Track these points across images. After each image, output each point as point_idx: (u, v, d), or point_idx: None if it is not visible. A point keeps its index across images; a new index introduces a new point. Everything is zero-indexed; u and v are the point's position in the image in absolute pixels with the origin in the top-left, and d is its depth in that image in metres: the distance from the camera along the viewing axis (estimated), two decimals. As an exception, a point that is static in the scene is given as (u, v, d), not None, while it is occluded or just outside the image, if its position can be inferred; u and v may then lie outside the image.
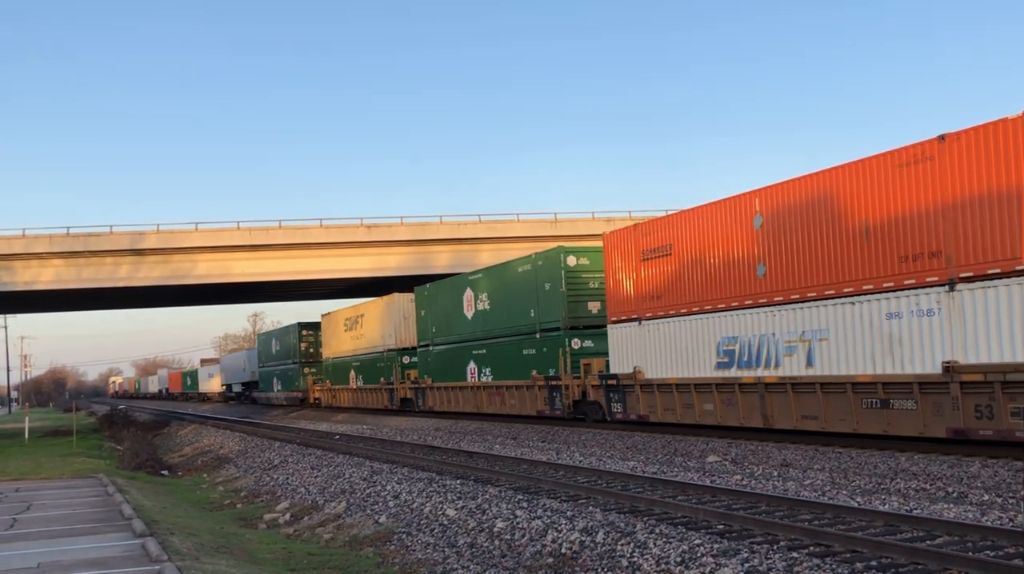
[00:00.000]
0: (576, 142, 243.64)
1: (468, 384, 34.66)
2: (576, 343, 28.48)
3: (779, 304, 20.10)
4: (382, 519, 14.79)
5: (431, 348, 38.12)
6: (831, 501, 12.95)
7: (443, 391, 36.81)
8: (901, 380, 17.23)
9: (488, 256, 46.66)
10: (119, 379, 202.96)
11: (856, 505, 12.58)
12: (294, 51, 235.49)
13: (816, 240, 19.13)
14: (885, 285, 17.60)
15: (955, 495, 13.53)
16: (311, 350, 56.92)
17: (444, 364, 37.04)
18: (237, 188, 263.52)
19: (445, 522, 13.82)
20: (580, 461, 20.18)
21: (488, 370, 33.57)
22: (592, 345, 28.24)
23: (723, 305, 21.73)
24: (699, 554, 10.07)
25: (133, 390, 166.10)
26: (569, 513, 13.05)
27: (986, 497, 13.19)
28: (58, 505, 17.09)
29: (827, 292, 18.84)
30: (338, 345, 50.86)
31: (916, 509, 12.33)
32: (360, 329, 47.05)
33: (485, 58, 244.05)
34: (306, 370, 56.76)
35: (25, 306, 64.54)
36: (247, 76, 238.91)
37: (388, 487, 17.69)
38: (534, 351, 30.22)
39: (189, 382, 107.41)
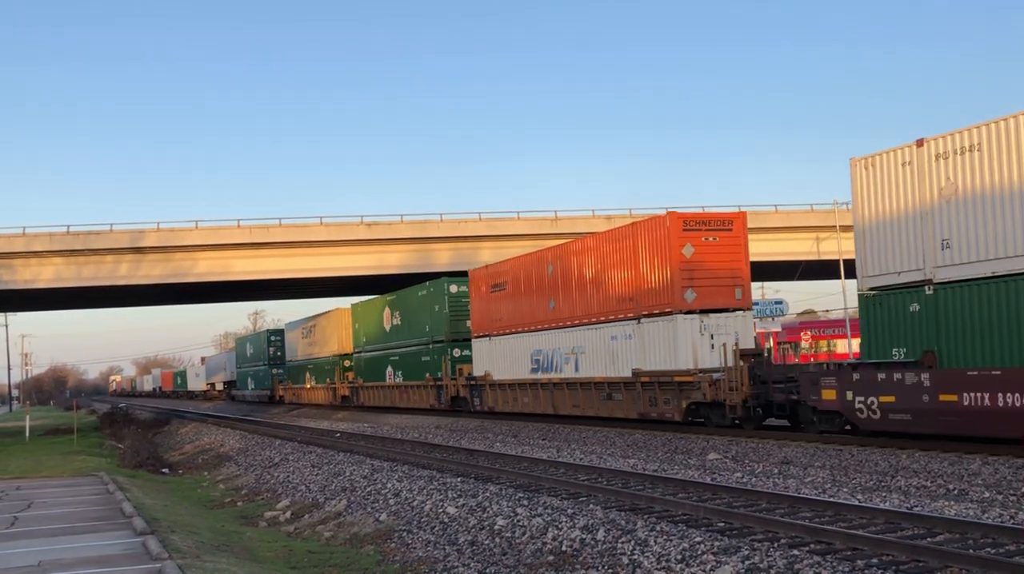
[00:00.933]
0: (577, 140, 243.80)
1: (387, 384, 43.06)
2: (456, 352, 36.69)
3: (561, 328, 28.89)
4: (383, 517, 14.79)
5: (363, 354, 46.78)
6: (832, 499, 12.95)
7: (371, 390, 45.11)
8: (616, 380, 26.07)
9: (488, 254, 46.63)
10: (118, 378, 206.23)
11: (857, 503, 12.58)
12: (294, 51, 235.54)
13: (578, 285, 27.93)
14: (610, 317, 26.36)
15: (956, 492, 13.53)
16: (278, 354, 64.39)
17: (371, 367, 45.50)
18: (237, 187, 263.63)
19: (446, 520, 13.82)
20: (580, 459, 20.19)
21: (400, 373, 41.72)
22: (467, 354, 35.83)
23: (533, 327, 30.51)
24: (700, 552, 10.07)
25: (130, 388, 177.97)
26: (570, 511, 13.06)
27: (987, 494, 13.20)
28: (59, 503, 17.10)
29: (584, 321, 27.62)
30: (297, 351, 58.71)
31: (917, 507, 12.34)
32: (313, 337, 55.58)
33: (485, 58, 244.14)
34: (274, 371, 64.74)
35: (25, 304, 64.57)
36: (247, 76, 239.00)
37: (389, 485, 17.69)
38: (428, 358, 38.46)
39: (179, 381, 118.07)
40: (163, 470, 28.38)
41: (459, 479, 17.50)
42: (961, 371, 17.09)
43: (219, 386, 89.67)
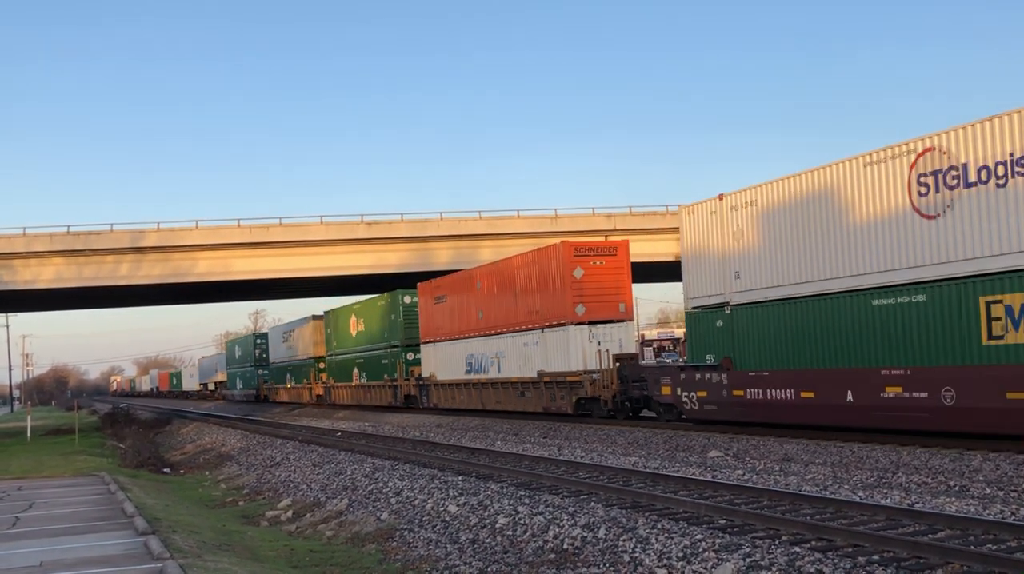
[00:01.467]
0: (577, 138, 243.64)
1: (353, 384, 48.52)
2: (410, 356, 41.87)
3: (487, 335, 34.03)
4: (384, 516, 14.80)
5: (334, 357, 52.17)
6: (833, 496, 12.95)
7: (341, 389, 50.80)
8: (527, 380, 31.10)
9: (489, 253, 46.60)
10: (119, 378, 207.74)
11: (858, 499, 12.58)
12: (295, 51, 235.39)
13: (499, 298, 33.10)
14: (523, 327, 31.37)
15: (957, 489, 13.53)
16: (263, 356, 69.10)
17: (341, 369, 50.93)
18: (237, 186, 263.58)
19: (447, 518, 13.82)
20: (582, 457, 20.20)
21: (364, 374, 46.94)
22: (419, 357, 40.97)
23: (467, 335, 35.74)
24: (701, 549, 10.07)
25: (129, 388, 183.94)
26: (571, 509, 13.06)
27: (988, 491, 13.20)
28: (60, 503, 17.10)
29: (505, 330, 32.66)
30: (278, 354, 64.06)
31: (918, 503, 12.33)
32: (292, 342, 60.55)
33: (485, 57, 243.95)
34: (260, 372, 69.65)
35: (26, 305, 64.56)
36: (247, 76, 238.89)
37: (390, 484, 17.69)
38: (387, 361, 43.81)
39: (175, 381, 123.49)
40: (164, 470, 28.39)
41: (460, 478, 17.51)
42: (744, 373, 22.48)
43: (211, 386, 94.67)
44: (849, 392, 19.01)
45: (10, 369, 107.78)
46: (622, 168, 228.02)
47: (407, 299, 41.93)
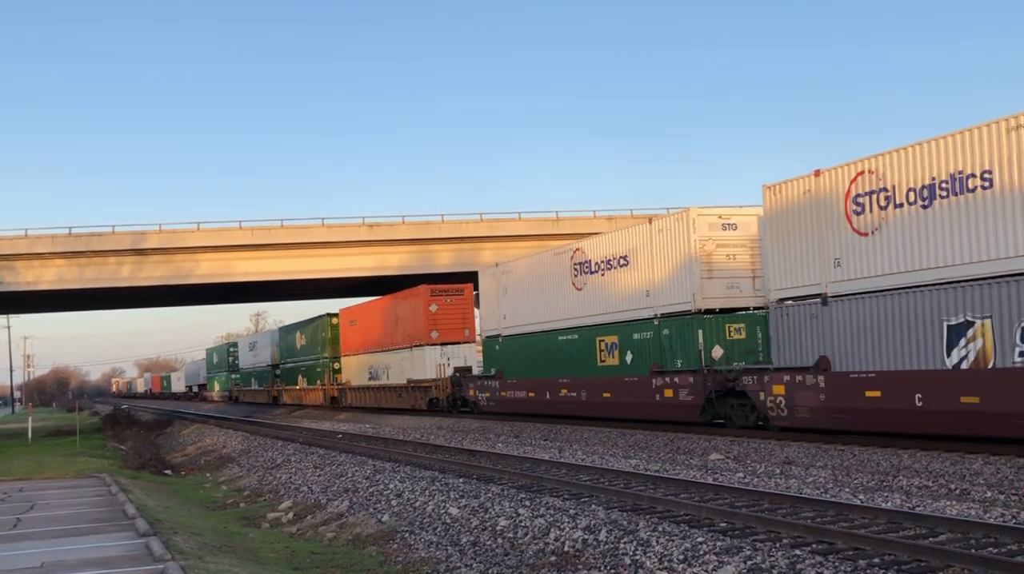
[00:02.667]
0: (578, 140, 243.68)
1: (298, 388, 59.18)
2: (336, 365, 52.11)
3: (381, 351, 44.19)
4: (385, 518, 14.80)
5: (286, 365, 62.53)
6: (833, 499, 12.95)
7: (289, 391, 61.06)
8: (402, 385, 41.18)
9: (490, 255, 46.63)
10: (119, 380, 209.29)
11: (858, 502, 12.58)
12: (297, 54, 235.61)
13: (388, 324, 43.67)
14: (401, 346, 41.66)
15: (958, 492, 13.53)
16: (235, 362, 78.65)
17: (289, 376, 61.66)
18: (239, 188, 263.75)
19: (448, 520, 13.83)
20: (583, 459, 20.20)
21: (305, 379, 57.75)
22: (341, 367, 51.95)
23: (369, 350, 46.27)
24: (702, 552, 10.08)
25: (126, 390, 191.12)
26: (572, 511, 13.06)
27: (989, 494, 13.20)
28: (61, 505, 17.11)
29: (391, 347, 42.99)
30: (246, 361, 74.18)
31: (919, 506, 12.34)
32: (256, 351, 70.83)
33: (486, 60, 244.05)
34: (232, 376, 79.66)
35: (28, 306, 64.61)
36: (249, 79, 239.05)
37: (391, 486, 17.70)
38: (320, 370, 54.46)
39: (165, 384, 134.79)
40: (165, 471, 28.38)
41: (461, 480, 17.51)
42: (507, 379, 33.03)
43: (195, 389, 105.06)
44: (547, 392, 30.11)
45: (11, 370, 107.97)
46: (624, 170, 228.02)
47: (334, 321, 52.66)
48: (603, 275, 27.44)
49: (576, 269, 28.76)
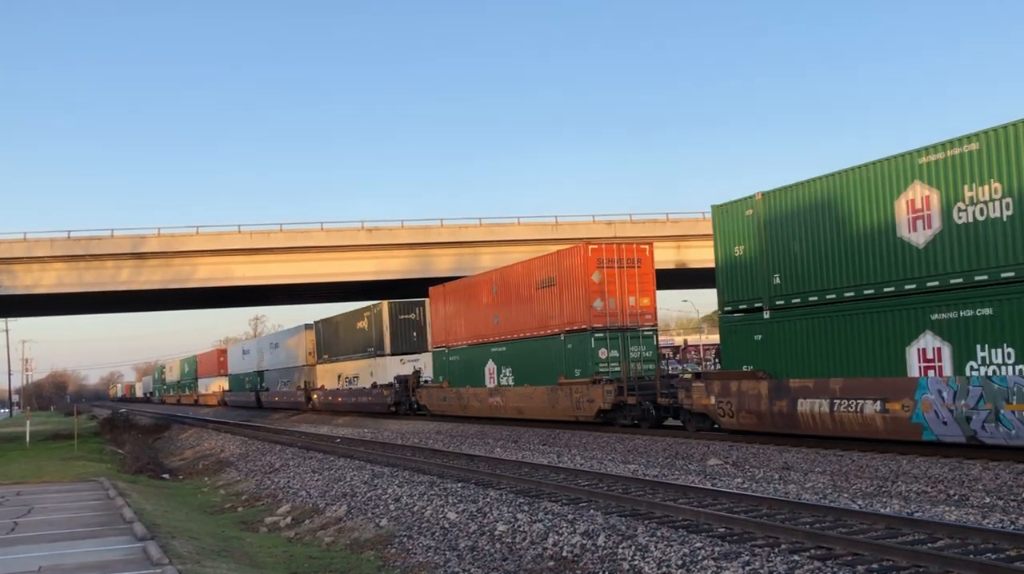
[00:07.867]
0: (578, 145, 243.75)
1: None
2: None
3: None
4: (383, 522, 14.79)
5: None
6: (832, 504, 12.94)
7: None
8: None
9: (489, 259, 46.62)
10: (118, 384, 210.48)
11: (857, 508, 12.57)
12: (296, 56, 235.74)
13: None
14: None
15: (956, 498, 13.53)
16: (164, 379, 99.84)
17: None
18: (238, 192, 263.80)
19: (446, 525, 13.81)
20: (581, 464, 20.18)
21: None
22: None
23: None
24: (700, 557, 10.07)
25: (120, 395, 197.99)
26: (570, 516, 13.05)
27: (987, 500, 13.19)
28: (59, 509, 17.09)
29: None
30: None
31: (917, 512, 12.33)
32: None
33: (487, 63, 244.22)
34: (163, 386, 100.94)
35: (26, 310, 64.52)
36: (249, 82, 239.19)
37: (389, 490, 17.68)
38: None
39: (133, 390, 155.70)
40: (163, 475, 28.35)
41: (459, 484, 17.49)
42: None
43: (148, 394, 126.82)
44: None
45: (9, 374, 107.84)
46: (624, 175, 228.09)
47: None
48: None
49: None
